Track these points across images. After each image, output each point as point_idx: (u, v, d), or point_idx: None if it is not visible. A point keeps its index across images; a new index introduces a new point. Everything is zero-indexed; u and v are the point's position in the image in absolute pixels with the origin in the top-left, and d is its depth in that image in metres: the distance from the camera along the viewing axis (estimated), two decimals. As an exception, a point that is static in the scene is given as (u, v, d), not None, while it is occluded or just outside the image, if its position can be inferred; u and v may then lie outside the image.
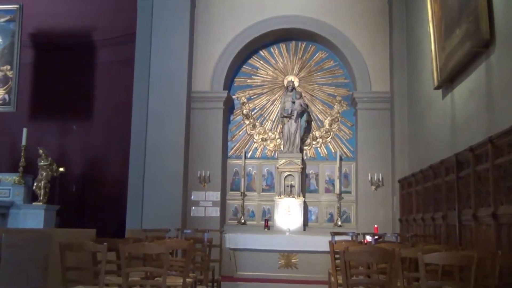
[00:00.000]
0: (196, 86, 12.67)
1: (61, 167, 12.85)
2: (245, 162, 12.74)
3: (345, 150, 12.83)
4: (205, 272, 7.40)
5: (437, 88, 8.74)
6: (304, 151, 12.86)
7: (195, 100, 12.57)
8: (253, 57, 13.35)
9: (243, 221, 12.52)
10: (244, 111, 13.23)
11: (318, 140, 12.97)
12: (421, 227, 9.29)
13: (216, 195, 12.29)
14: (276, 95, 13.21)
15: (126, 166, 12.20)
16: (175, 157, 11.86)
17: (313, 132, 13.00)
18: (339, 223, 12.33)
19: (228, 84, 13.07)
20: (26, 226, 11.53)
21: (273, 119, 13.17)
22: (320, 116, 13.06)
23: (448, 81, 8.27)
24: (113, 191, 14.37)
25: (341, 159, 12.67)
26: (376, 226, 11.21)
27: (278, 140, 13.06)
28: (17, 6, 13.79)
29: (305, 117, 12.76)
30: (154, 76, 12.23)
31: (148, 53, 12.31)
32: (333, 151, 12.86)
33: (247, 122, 13.21)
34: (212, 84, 12.69)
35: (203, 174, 12.22)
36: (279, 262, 10.86)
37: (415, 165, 10.31)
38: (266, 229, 12.15)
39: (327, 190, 12.71)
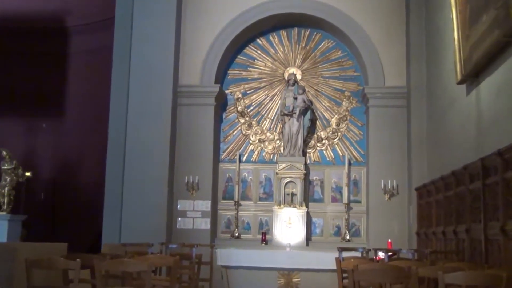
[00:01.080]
0: (183, 79, 12.66)
1: (28, 171, 12.77)
2: (239, 167, 12.72)
3: (354, 154, 12.83)
4: (193, 293, 7.38)
5: (460, 82, 8.73)
6: (307, 155, 12.85)
7: (182, 95, 12.56)
8: (249, 46, 13.34)
9: (237, 234, 12.50)
10: (239, 108, 13.22)
11: (323, 141, 12.96)
12: (441, 242, 9.28)
13: (206, 205, 12.27)
14: (276, 90, 13.20)
15: (103, 171, 12.17)
16: (159, 161, 11.84)
17: (318, 133, 12.99)
18: (348, 237, 12.32)
19: (221, 77, 13.05)
20: (-14, 239, 11.50)
21: (272, 118, 13.16)
22: (326, 114, 13.06)
23: (473, 75, 8.26)
24: (88, 199, 14.33)
25: (350, 164, 12.66)
26: (389, 240, 11.19)
27: (278, 141, 13.05)
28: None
29: (308, 115, 12.76)
30: (136, 68, 12.20)
31: (129, 41, 12.29)
32: (340, 154, 12.85)
33: (242, 120, 13.20)
34: (201, 76, 12.67)
35: (191, 180, 12.20)
36: (278, 282, 10.81)
37: (435, 171, 10.30)
38: (263, 244, 12.13)
39: (334, 199, 12.71)
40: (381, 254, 9.16)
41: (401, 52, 12.37)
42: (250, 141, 13.12)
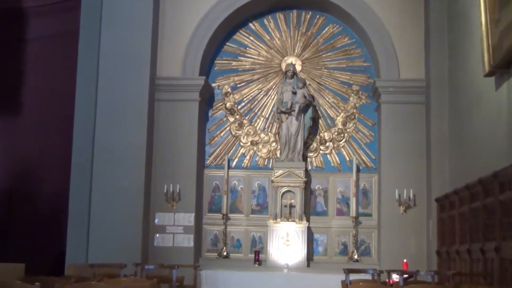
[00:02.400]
0: (162, 70, 12.66)
1: (-23, 179, 12.76)
2: (228, 174, 12.70)
3: (364, 158, 12.85)
4: (173, 323, 7.36)
5: (488, 75, 8.73)
6: (308, 159, 12.87)
7: (161, 89, 12.53)
8: (240, 31, 13.36)
9: (225, 253, 12.47)
10: (228, 105, 13.21)
11: (327, 144, 12.97)
12: (466, 263, 9.27)
13: (188, 218, 12.25)
14: (271, 83, 13.21)
15: (67, 178, 12.13)
16: (133, 167, 11.82)
17: (321, 134, 13.01)
18: (356, 256, 12.31)
19: (206, 68, 13.06)
20: None
21: (267, 116, 13.18)
22: (330, 112, 13.07)
23: (504, 66, 8.26)
24: (49, 212, 14.25)
25: (358, 170, 12.67)
26: (405, 261, 11.19)
27: (274, 144, 13.05)
28: None
29: (310, 113, 12.74)
30: (106, 57, 12.18)
31: (97, 25, 12.28)
32: (347, 159, 12.87)
33: (231, 119, 13.19)
34: (184, 67, 12.67)
35: (171, 190, 12.17)
36: (274, 309, 10.83)
37: (459, 178, 10.30)
38: (256, 265, 12.13)
39: (340, 212, 12.72)
40: (395, 277, 9.13)
41: (419, 39, 12.39)
42: (241, 144, 13.11)
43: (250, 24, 13.35)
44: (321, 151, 12.97)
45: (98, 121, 12.04)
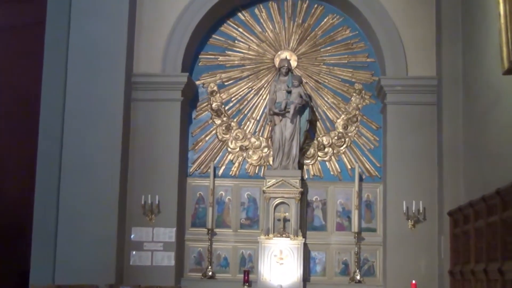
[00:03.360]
0: (140, 66, 12.66)
1: None
2: (214, 183, 12.69)
3: (367, 166, 12.87)
4: None
5: (507, 72, 8.72)
6: (305, 167, 12.88)
7: (138, 88, 12.51)
8: (228, 22, 13.37)
9: (210, 273, 12.43)
10: (214, 105, 13.20)
11: (326, 150, 12.98)
12: (483, 284, 9.25)
13: (169, 234, 12.22)
14: (263, 81, 13.23)
15: (31, 188, 12.07)
16: (106, 175, 11.80)
17: (319, 138, 13.02)
18: (358, 277, 12.28)
19: (189, 64, 13.08)
20: None
21: (258, 118, 13.19)
22: (329, 114, 13.08)
23: (525, 62, 8.28)
24: (10, 226, 14.17)
25: (361, 180, 12.68)
26: (414, 282, 11.18)
27: (266, 149, 13.06)
28: None
29: (306, 114, 12.74)
30: (76, 51, 12.16)
31: (67, 15, 12.26)
32: (349, 167, 12.89)
33: (218, 121, 13.18)
34: (164, 62, 12.67)
35: (149, 201, 12.13)
36: (266, 336, 10.84)
37: (475, 189, 10.29)
38: (246, 286, 12.09)
39: (340, 227, 12.73)
40: (403, 300, 9.15)
41: (430, 31, 12.41)
42: (229, 149, 13.11)
43: (239, 14, 13.36)
44: (319, 158, 12.97)
45: (67, 124, 12.00)
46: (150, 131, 12.44)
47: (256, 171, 13.05)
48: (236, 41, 13.36)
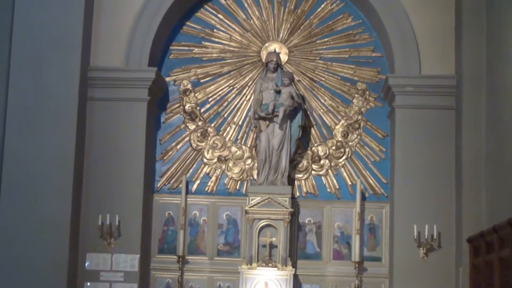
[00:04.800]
0: (98, 58, 12.64)
1: None
2: (186, 201, 12.68)
3: (371, 182, 12.88)
4: None
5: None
6: (296, 183, 12.89)
7: (96, 85, 12.47)
8: (205, 6, 13.39)
9: (181, 310, 12.45)
10: (187, 107, 13.19)
11: (322, 162, 12.98)
12: (508, 326, 9.28)
13: (131, 261, 12.17)
14: (247, 78, 13.25)
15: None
16: (56, 190, 11.73)
17: (314, 148, 13.03)
18: (359, 315, 12.33)
19: (158, 57, 13.09)
20: None
21: (240, 122, 13.20)
22: (326, 119, 13.09)
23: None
24: None
25: (364, 199, 12.68)
26: (426, 322, 11.24)
27: (249, 160, 13.07)
28: None
29: (298, 119, 12.69)
30: (20, 42, 12.12)
31: (10, 2, 12.20)
32: (349, 183, 12.89)
33: (192, 126, 13.16)
34: (127, 55, 12.66)
35: (108, 222, 12.07)
36: None
37: (500, 210, 10.30)
38: (223, 326, 12.08)
39: (338, 255, 12.72)
40: None
41: (448, 21, 12.45)
42: (205, 160, 13.10)
43: (219, -2, 13.42)
44: (313, 172, 12.98)
45: (9, 128, 11.93)
46: (110, 137, 12.39)
47: (237, 187, 13.05)
48: (215, 30, 13.36)
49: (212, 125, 13.18)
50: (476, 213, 11.41)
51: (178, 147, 13.15)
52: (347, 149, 12.99)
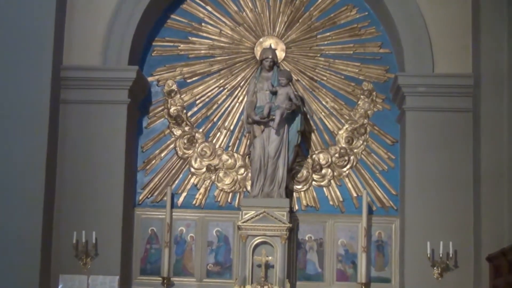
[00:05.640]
0: (72, 56, 12.63)
1: None
2: (171, 216, 12.67)
3: (379, 194, 12.86)
4: None
5: None
6: (294, 195, 12.88)
7: (70, 86, 12.45)
8: (192, -3, 13.41)
9: (166, 338, 12.42)
10: (172, 110, 13.17)
11: (324, 172, 12.97)
12: None
13: (110, 283, 12.08)
14: (239, 78, 13.25)
15: None
16: (25, 204, 11.67)
17: (315, 156, 13.01)
18: None
19: (140, 54, 13.10)
20: None
21: (232, 127, 13.19)
22: (328, 123, 13.09)
23: None
24: None
25: (371, 212, 12.67)
26: None
27: (242, 170, 13.06)
28: None
29: (297, 123, 12.65)
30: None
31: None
32: (354, 195, 12.88)
33: (177, 132, 13.15)
34: (104, 52, 12.65)
35: (83, 240, 12.02)
36: None
37: (523, 226, 10.34)
38: None
39: (342, 276, 12.70)
40: None
41: (465, 15, 12.45)
42: (192, 170, 13.09)
43: (209, -12, 13.41)
44: (314, 183, 12.97)
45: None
46: (85, 145, 12.36)
47: (229, 200, 13.02)
48: (203, 24, 13.35)
49: (200, 130, 13.17)
50: (496, 228, 11.42)
51: (162, 155, 13.13)
52: (351, 157, 12.98)
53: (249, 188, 12.79)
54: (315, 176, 12.97)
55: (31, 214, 11.67)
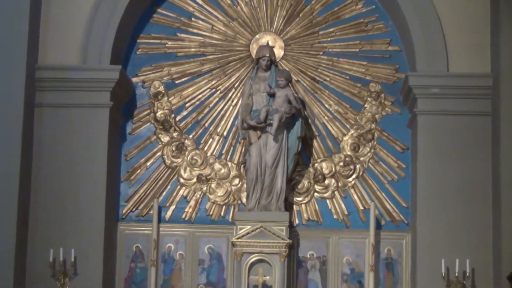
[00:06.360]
0: (48, 55, 12.61)
1: None
2: (158, 232, 12.65)
3: (388, 207, 12.84)
4: None
5: None
6: (294, 207, 12.87)
7: (45, 87, 12.41)
8: (181, -10, 13.39)
9: None
10: (159, 114, 13.15)
11: (327, 182, 12.95)
12: None
13: (91, 306, 12.11)
14: (233, 79, 13.24)
15: None
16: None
17: (317, 165, 13.00)
18: None
19: (123, 52, 13.10)
20: None
21: (225, 134, 13.18)
22: (332, 128, 13.07)
23: None
24: None
25: (379, 227, 12.65)
26: None
27: (236, 181, 13.04)
28: None
29: (297, 129, 12.62)
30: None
31: None
32: (361, 207, 12.85)
33: (165, 138, 13.13)
34: (84, 50, 12.62)
35: (61, 258, 11.94)
36: None
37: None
38: None
39: (347, 297, 12.68)
40: None
41: (482, 8, 12.43)
42: (181, 180, 13.07)
43: (199, -21, 13.39)
44: (316, 194, 12.94)
45: None
46: (63, 153, 12.34)
47: (222, 214, 12.99)
48: (193, 19, 13.34)
49: (190, 136, 13.16)
50: (518, 244, 11.40)
51: (148, 164, 13.12)
52: (358, 166, 12.96)
53: (244, 200, 12.79)
54: (317, 187, 12.95)
55: (2, 229, 11.64)
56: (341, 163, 12.95)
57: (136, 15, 13.09)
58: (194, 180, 13.05)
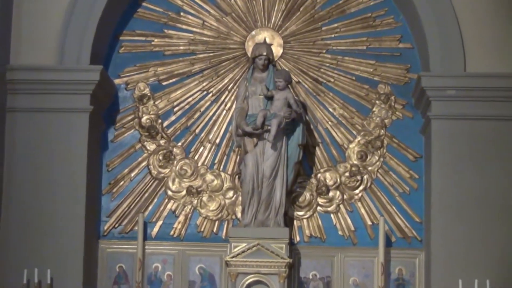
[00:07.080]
0: (21, 54, 12.59)
1: None
2: (144, 250, 12.63)
3: (399, 222, 12.78)
4: None
5: None
6: (295, 223, 12.84)
7: (18, 90, 12.33)
8: (168, -19, 13.38)
9: None
10: (145, 119, 13.13)
11: (331, 194, 12.90)
12: None
13: (69, 331, 12.07)
14: (227, 80, 13.22)
15: None
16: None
17: (320, 175, 12.95)
18: None
19: (104, 51, 13.09)
20: None
21: (218, 141, 13.15)
22: (336, 135, 13.03)
23: None
24: None
25: (389, 245, 12.60)
26: None
27: (231, 193, 12.99)
28: None
29: (298, 135, 12.58)
30: None
31: None
32: (369, 223, 12.81)
33: (151, 146, 13.10)
34: (61, 49, 12.57)
35: (36, 280, 11.89)
36: None
37: None
38: None
39: (354, 322, 12.62)
40: None
41: (502, 2, 12.40)
42: (169, 193, 13.03)
43: (188, -31, 13.37)
44: (319, 208, 12.90)
45: None
46: (38, 162, 12.29)
47: (215, 230, 12.96)
48: (182, 13, 13.32)
49: (179, 144, 13.14)
50: (544, 263, 11.38)
51: (132, 175, 13.11)
52: (365, 177, 12.92)
53: (239, 215, 12.76)
54: (320, 200, 12.91)
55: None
56: (347, 174, 12.93)
57: (119, 9, 13.08)
58: (184, 192, 13.02)
